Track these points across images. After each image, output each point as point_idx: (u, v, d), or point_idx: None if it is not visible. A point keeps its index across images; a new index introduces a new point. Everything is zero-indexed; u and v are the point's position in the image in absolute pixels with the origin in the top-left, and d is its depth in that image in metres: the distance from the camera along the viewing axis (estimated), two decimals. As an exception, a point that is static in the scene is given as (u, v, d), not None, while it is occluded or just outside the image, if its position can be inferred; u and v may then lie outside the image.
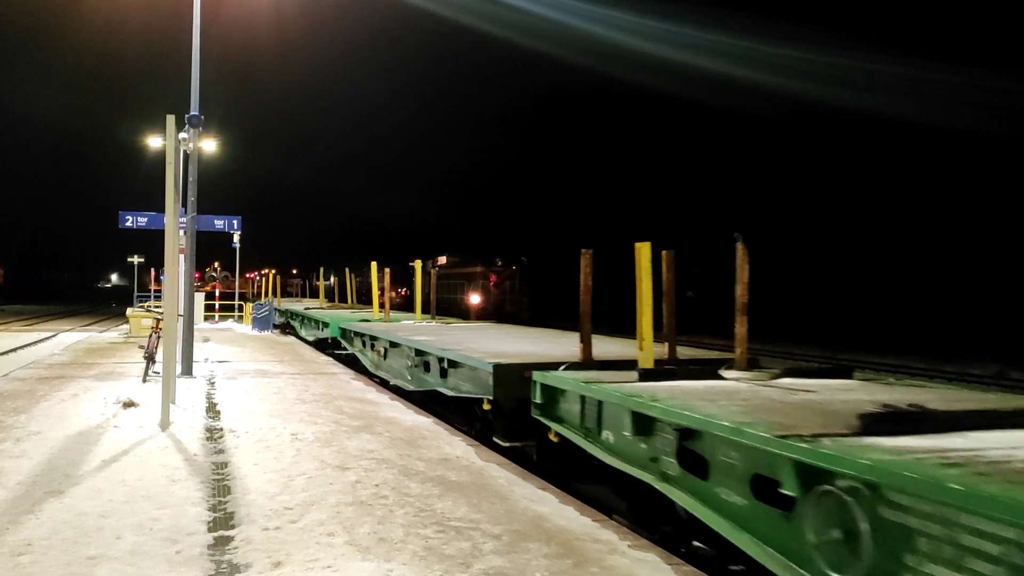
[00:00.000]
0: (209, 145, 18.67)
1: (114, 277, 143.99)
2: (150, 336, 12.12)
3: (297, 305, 27.60)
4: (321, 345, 18.62)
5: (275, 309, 26.90)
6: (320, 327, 18.05)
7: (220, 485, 5.74)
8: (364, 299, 42.64)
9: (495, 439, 7.32)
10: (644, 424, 4.65)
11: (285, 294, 44.91)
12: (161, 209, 11.39)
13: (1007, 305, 24.94)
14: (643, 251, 6.24)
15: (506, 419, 7.12)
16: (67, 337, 24.93)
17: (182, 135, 11.99)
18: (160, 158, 8.82)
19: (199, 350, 15.62)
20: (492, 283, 38.77)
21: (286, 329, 25.15)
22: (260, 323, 25.98)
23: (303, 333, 21.18)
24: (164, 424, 7.95)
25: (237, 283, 36.84)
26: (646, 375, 5.75)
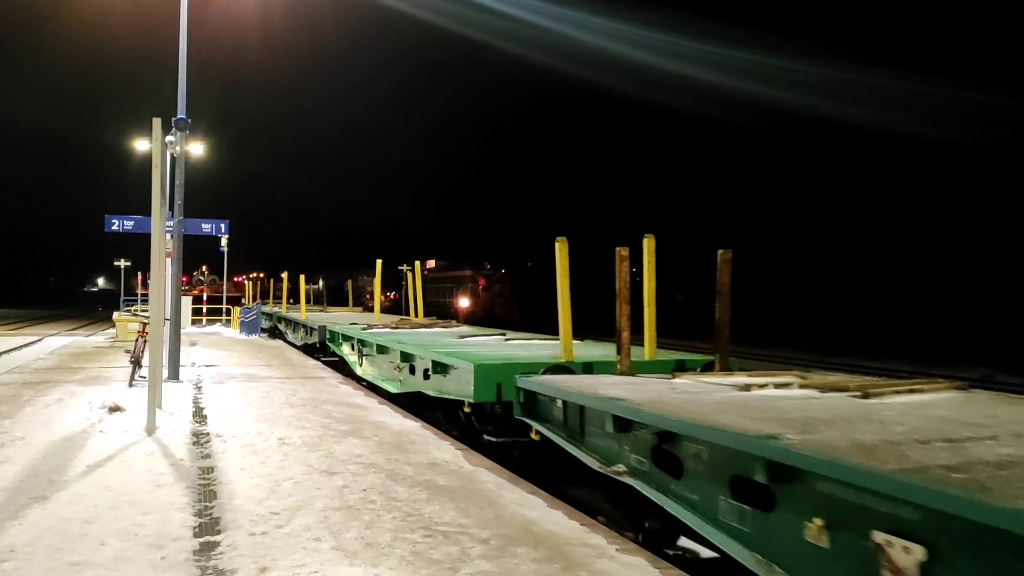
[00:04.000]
0: (196, 148, 18.61)
1: (100, 281, 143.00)
2: (136, 340, 12.05)
3: (334, 318, 19.35)
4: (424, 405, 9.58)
5: (303, 325, 19.19)
6: (424, 370, 8.73)
7: (206, 490, 5.70)
8: (357, 304, 42.43)
9: None
10: None
11: (276, 299, 42.44)
12: (148, 212, 11.34)
13: (996, 309, 25.12)
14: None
15: None
16: (53, 341, 24.75)
17: (168, 138, 11.95)
18: (147, 161, 8.77)
19: (186, 354, 15.54)
20: (481, 287, 38.80)
21: (315, 352, 17.83)
22: (248, 327, 25.86)
23: (367, 372, 12.03)
24: (150, 429, 7.89)
25: (225, 287, 36.65)
26: None
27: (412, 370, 9.35)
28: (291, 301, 28.85)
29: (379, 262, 17.71)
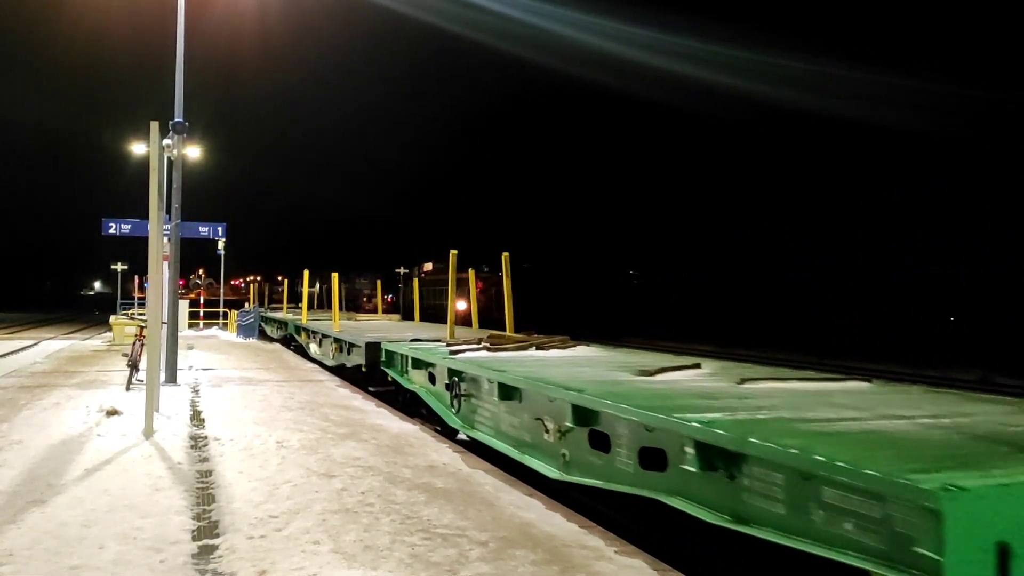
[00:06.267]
0: (193, 152, 18.64)
1: (97, 284, 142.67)
2: (133, 344, 12.04)
3: (376, 330, 14.66)
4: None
5: (337, 340, 14.00)
6: (640, 450, 4.70)
7: (204, 493, 5.70)
8: (351, 306, 42.39)
9: None
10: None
11: (272, 302, 40.08)
12: (145, 216, 11.34)
13: (993, 311, 25.20)
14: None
15: None
16: (49, 345, 24.70)
17: (166, 141, 11.96)
18: (144, 165, 8.79)
19: (183, 358, 15.52)
20: (479, 289, 38.78)
21: (340, 372, 13.91)
22: (245, 330, 25.86)
23: (475, 426, 7.62)
24: (148, 432, 7.89)
25: (222, 290, 36.62)
26: None
27: (602, 444, 5.14)
28: (293, 305, 27.45)
29: (453, 253, 12.40)
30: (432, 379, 8.98)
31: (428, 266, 48.37)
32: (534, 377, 6.35)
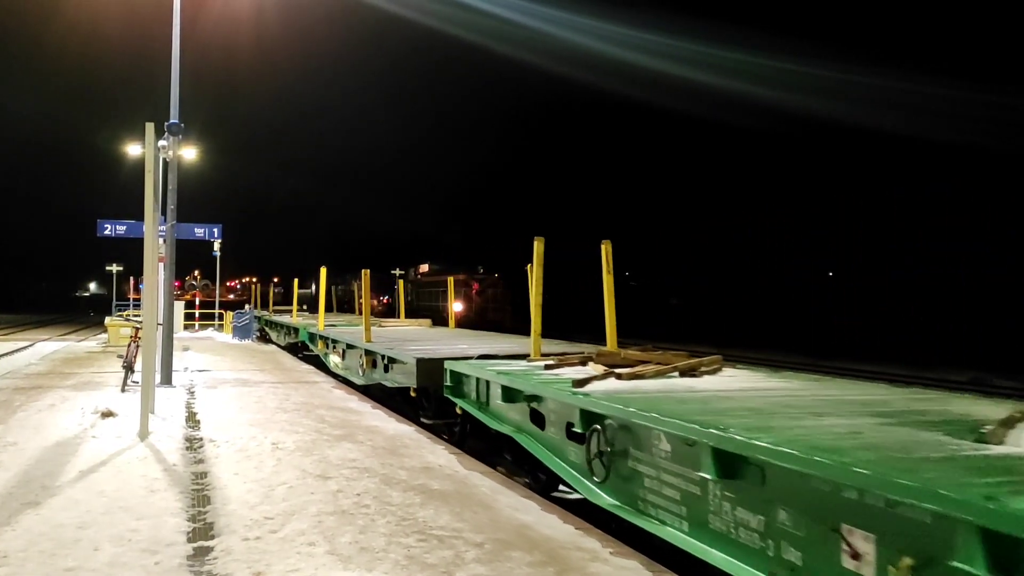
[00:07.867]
0: (189, 153, 18.61)
1: (92, 286, 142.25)
2: (129, 345, 12.01)
3: (415, 340, 12.18)
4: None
5: (367, 352, 11.18)
6: None
7: (200, 495, 5.69)
8: (346, 307, 42.35)
9: None
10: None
11: (266, 304, 41.01)
12: (140, 217, 11.32)
13: (996, 312, 25.25)
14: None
15: None
16: (44, 346, 24.65)
17: (162, 143, 11.94)
18: (139, 166, 8.77)
19: (179, 359, 15.49)
20: (474, 291, 38.84)
21: (432, 408, 9.30)
22: (240, 332, 25.82)
23: (671, 524, 4.37)
24: (143, 434, 7.87)
25: (218, 291, 36.57)
26: None
27: None
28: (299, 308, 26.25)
29: (539, 240, 8.63)
30: (539, 419, 6.31)
31: (424, 267, 48.42)
32: (816, 446, 3.44)
